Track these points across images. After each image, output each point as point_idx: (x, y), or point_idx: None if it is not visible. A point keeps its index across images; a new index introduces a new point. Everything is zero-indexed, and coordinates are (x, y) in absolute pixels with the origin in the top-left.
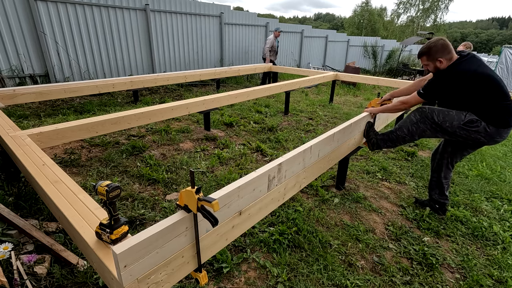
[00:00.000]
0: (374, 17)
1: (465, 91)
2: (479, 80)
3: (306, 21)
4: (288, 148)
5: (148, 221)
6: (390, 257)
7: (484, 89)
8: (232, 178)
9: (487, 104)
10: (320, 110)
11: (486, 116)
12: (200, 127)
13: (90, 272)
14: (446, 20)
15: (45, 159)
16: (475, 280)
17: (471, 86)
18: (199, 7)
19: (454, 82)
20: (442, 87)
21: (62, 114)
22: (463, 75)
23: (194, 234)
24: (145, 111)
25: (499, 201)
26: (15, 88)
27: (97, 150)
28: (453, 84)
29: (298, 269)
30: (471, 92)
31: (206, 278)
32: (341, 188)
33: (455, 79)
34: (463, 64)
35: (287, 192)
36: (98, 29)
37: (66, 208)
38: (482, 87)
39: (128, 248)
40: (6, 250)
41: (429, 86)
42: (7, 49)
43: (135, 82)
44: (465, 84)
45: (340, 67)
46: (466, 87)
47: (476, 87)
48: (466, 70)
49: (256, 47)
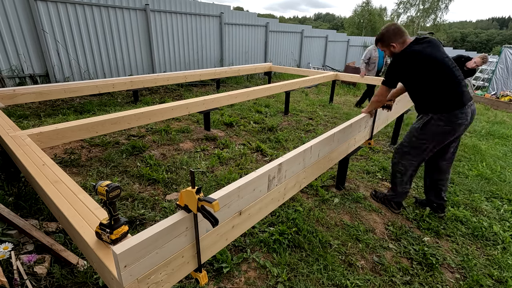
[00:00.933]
0: (374, 17)
1: (416, 73)
2: (427, 62)
3: (306, 21)
4: (288, 148)
5: (148, 221)
6: (390, 257)
7: (432, 72)
8: (232, 178)
9: (436, 88)
10: (320, 110)
11: (435, 104)
12: (200, 127)
13: (90, 272)
14: (446, 20)
15: (45, 159)
16: (475, 280)
17: (420, 68)
18: (199, 7)
19: (405, 64)
20: (397, 70)
21: (62, 114)
22: (412, 56)
23: (194, 234)
24: (145, 111)
25: (499, 201)
26: (15, 88)
27: (97, 150)
28: (405, 66)
29: (298, 269)
30: (420, 74)
31: (206, 278)
32: (341, 188)
33: (405, 61)
34: (414, 47)
35: (287, 192)
36: (98, 29)
37: (66, 208)
38: (430, 69)
39: (128, 248)
40: (6, 250)
41: (387, 72)
42: (7, 49)
43: (135, 82)
44: (414, 66)
45: (340, 67)
46: (416, 68)
47: (424, 69)
48: (416, 52)
49: (256, 47)
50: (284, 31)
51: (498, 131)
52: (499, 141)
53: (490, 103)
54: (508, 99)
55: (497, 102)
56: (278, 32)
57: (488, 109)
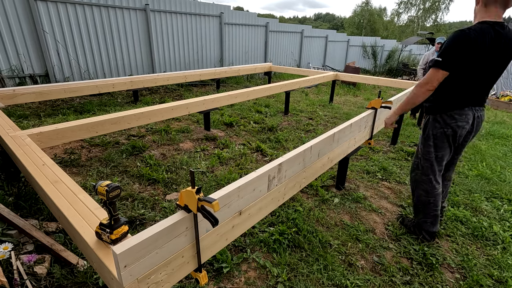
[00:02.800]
0: (374, 17)
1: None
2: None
3: (306, 21)
4: (288, 148)
5: (148, 221)
6: (390, 257)
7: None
8: (232, 178)
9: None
10: (320, 110)
11: (437, 104)
12: (200, 127)
13: (90, 272)
14: (447, 20)
15: (45, 159)
16: (475, 280)
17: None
18: (199, 7)
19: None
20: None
21: (62, 114)
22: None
23: (194, 234)
24: (145, 111)
25: (499, 201)
26: (15, 88)
27: (97, 150)
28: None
29: (298, 269)
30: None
31: (206, 278)
32: (341, 188)
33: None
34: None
35: (287, 192)
36: (98, 29)
37: (66, 208)
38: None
39: (128, 248)
40: (6, 250)
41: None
42: (7, 49)
43: (135, 82)
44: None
45: (340, 67)
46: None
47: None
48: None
49: (256, 47)
50: (284, 31)
51: (498, 131)
52: (499, 141)
53: (490, 103)
54: (508, 99)
55: (497, 102)
56: (278, 32)
57: (488, 109)
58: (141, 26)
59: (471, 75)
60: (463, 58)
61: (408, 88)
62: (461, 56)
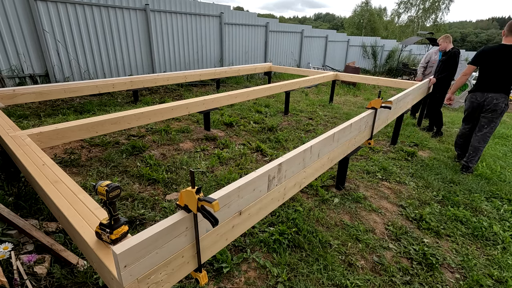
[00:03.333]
0: (374, 17)
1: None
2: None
3: (306, 21)
4: (288, 148)
5: (148, 221)
6: (390, 257)
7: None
8: (232, 178)
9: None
10: (320, 110)
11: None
12: (200, 127)
13: (90, 272)
14: (446, 20)
15: (45, 159)
16: (475, 280)
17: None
18: (199, 7)
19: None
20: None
21: (62, 114)
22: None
23: (194, 234)
24: (145, 111)
25: (499, 201)
26: (15, 88)
27: (97, 150)
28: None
29: (298, 269)
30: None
31: (206, 278)
32: (341, 188)
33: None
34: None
35: (287, 192)
36: (98, 29)
37: (66, 208)
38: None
39: (128, 248)
40: (6, 250)
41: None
42: (7, 49)
43: (135, 82)
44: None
45: (340, 67)
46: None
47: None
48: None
49: (256, 47)
50: (284, 31)
51: (498, 131)
52: (499, 141)
53: None
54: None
55: None
56: (278, 32)
57: None
58: (141, 26)
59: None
60: (481, 60)
61: (408, 88)
62: (480, 59)
